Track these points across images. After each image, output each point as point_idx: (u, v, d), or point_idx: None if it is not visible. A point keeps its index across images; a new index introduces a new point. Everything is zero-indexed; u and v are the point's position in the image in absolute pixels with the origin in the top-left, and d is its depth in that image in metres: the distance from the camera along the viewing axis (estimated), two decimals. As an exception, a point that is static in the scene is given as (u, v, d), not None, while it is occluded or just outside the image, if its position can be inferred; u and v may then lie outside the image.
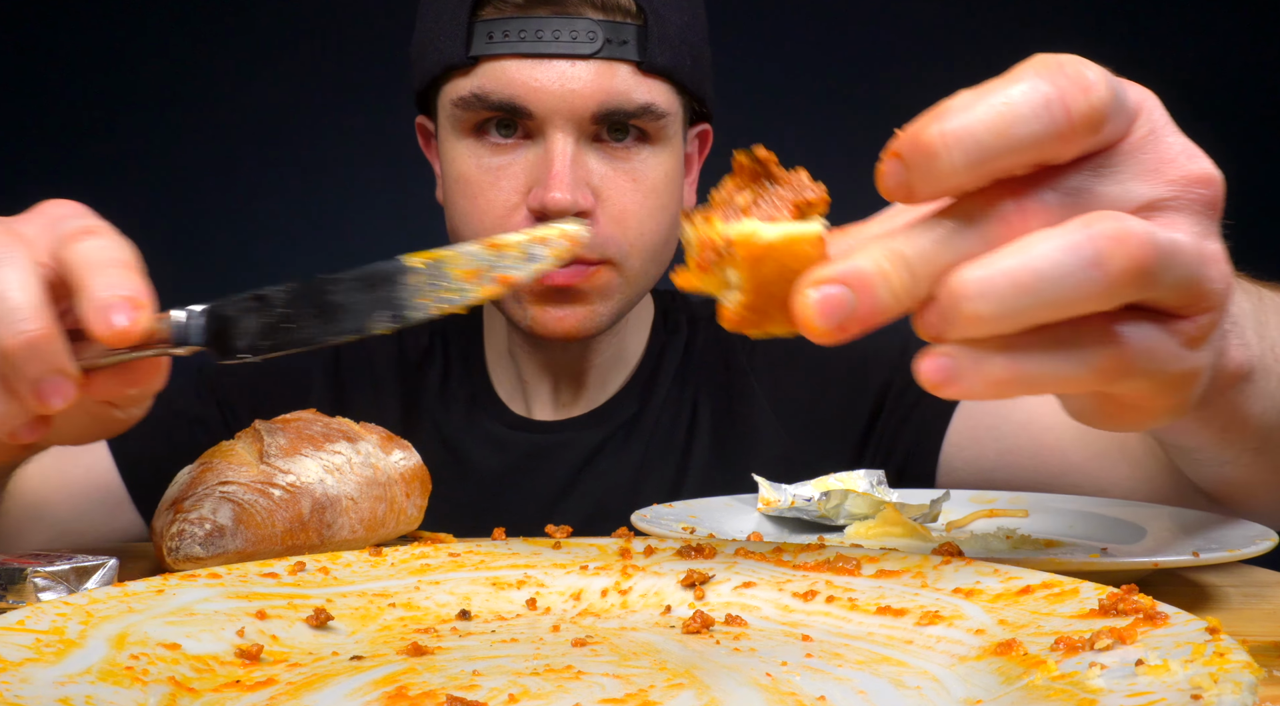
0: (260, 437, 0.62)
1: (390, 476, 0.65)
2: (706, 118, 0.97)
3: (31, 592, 0.50)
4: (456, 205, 0.89)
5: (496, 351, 1.02)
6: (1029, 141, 0.32)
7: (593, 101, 0.82)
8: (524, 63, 0.82)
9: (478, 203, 0.87)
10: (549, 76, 0.82)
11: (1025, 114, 0.32)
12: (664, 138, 0.88)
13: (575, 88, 0.82)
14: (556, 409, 0.99)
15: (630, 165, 0.86)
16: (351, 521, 0.62)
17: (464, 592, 0.49)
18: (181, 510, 0.57)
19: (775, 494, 0.74)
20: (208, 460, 0.61)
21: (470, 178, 0.87)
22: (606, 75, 0.83)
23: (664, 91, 0.86)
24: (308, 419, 0.66)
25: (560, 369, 0.98)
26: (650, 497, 0.77)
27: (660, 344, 1.01)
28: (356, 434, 0.66)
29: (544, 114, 0.83)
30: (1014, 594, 0.42)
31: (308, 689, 0.37)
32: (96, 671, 0.35)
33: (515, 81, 0.83)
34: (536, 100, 0.82)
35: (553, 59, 0.82)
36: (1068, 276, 0.32)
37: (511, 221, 0.85)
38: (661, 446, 0.97)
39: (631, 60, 0.84)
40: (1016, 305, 0.32)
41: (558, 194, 0.81)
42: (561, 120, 0.83)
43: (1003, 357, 0.33)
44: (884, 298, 0.33)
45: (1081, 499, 0.73)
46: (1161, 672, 0.31)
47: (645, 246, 0.88)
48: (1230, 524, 0.62)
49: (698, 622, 0.44)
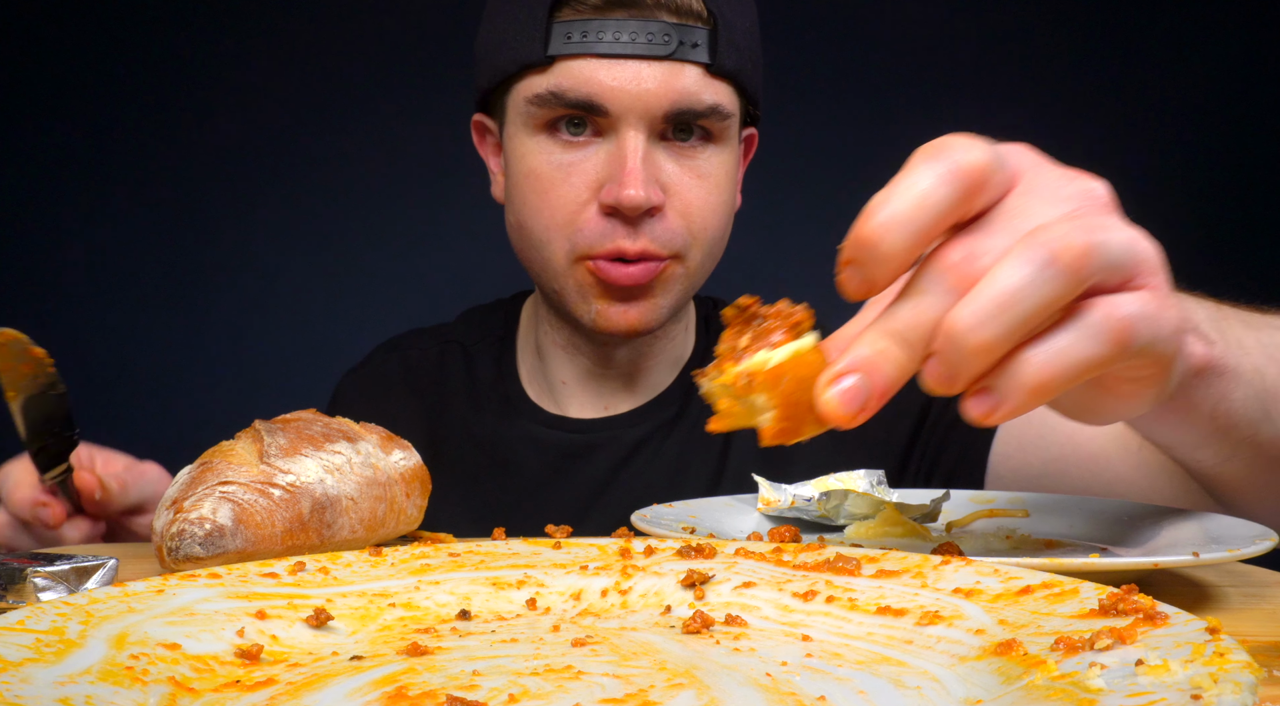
0: (260, 437, 0.62)
1: (390, 476, 0.65)
2: (754, 121, 0.99)
3: (31, 592, 0.50)
4: (526, 201, 0.90)
5: (528, 353, 1.04)
6: (944, 206, 0.39)
7: (665, 101, 0.85)
8: (601, 63, 0.85)
9: (548, 198, 0.88)
10: (625, 76, 0.85)
11: (932, 188, 0.39)
12: (726, 138, 0.91)
13: (649, 88, 0.85)
14: (598, 408, 1.00)
15: (696, 163, 0.89)
16: (351, 521, 0.62)
17: (464, 592, 0.49)
18: (181, 510, 0.57)
19: (775, 494, 0.74)
20: (208, 460, 0.61)
21: (541, 173, 0.89)
22: (678, 76, 0.86)
23: (728, 93, 0.89)
24: (307, 419, 0.66)
25: (610, 369, 0.99)
26: (691, 492, 0.78)
27: (704, 347, 1.04)
28: (356, 434, 0.66)
29: (619, 112, 0.85)
30: (1014, 594, 0.42)
31: (308, 689, 0.37)
32: (96, 671, 0.35)
33: (592, 80, 0.85)
34: (613, 98, 0.85)
35: (628, 59, 0.85)
36: (1034, 281, 0.37)
37: (582, 217, 0.88)
38: (700, 446, 0.99)
39: (701, 63, 0.86)
40: (1007, 320, 0.37)
41: (632, 191, 0.84)
42: (635, 118, 0.86)
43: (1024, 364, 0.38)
44: (890, 371, 0.38)
45: (1081, 499, 0.73)
46: (1161, 672, 0.31)
47: (707, 240, 0.91)
48: (1230, 524, 0.62)
49: (698, 622, 0.44)
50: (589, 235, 0.88)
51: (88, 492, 0.76)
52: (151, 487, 0.80)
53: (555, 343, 1.00)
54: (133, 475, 0.79)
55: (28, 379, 0.70)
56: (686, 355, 1.03)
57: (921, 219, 0.39)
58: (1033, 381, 0.38)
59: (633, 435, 0.99)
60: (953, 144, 0.40)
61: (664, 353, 1.00)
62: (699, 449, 0.98)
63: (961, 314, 0.37)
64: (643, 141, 0.86)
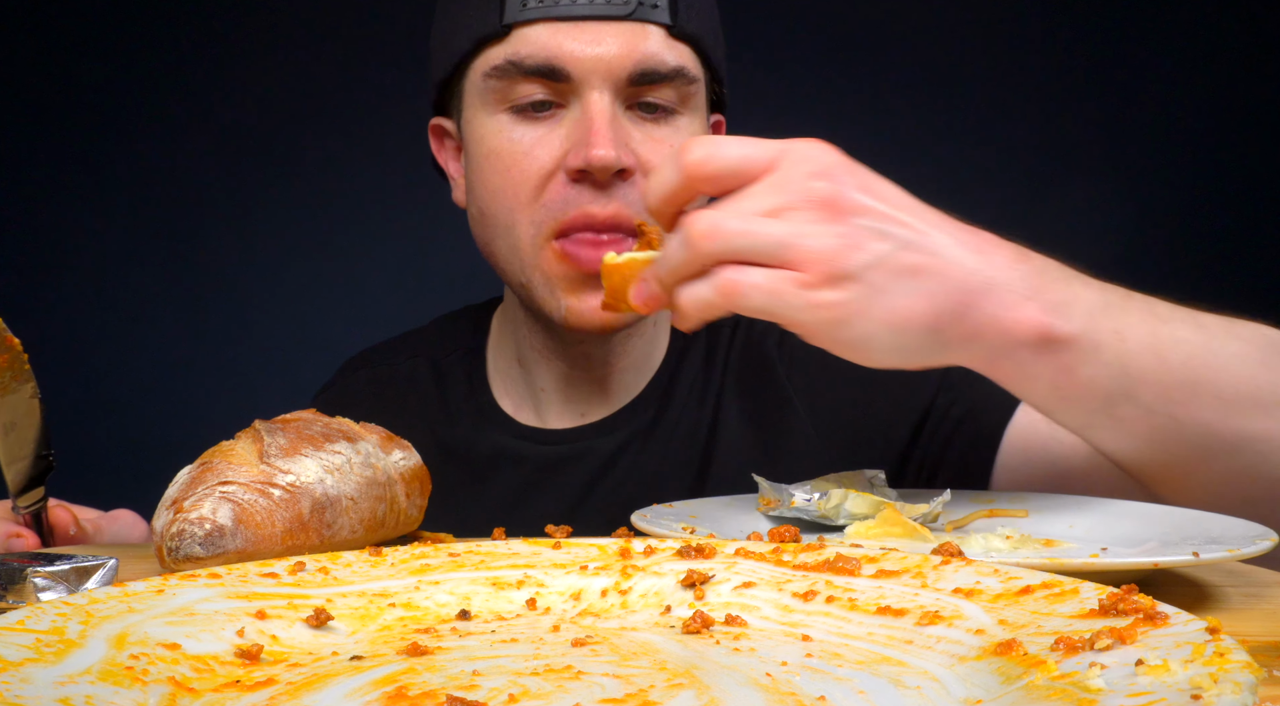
0: (260, 438, 0.62)
1: (390, 476, 0.65)
2: (721, 108, 0.97)
3: (31, 592, 0.50)
4: (487, 183, 0.87)
5: (504, 365, 1.01)
6: (673, 186, 0.61)
7: (629, 62, 0.82)
8: (558, 26, 0.82)
9: (511, 176, 0.85)
10: (584, 38, 0.82)
11: (666, 174, 0.61)
12: (693, 108, 0.88)
13: (612, 49, 0.82)
14: (574, 416, 0.97)
15: (664, 131, 0.86)
16: (351, 521, 0.62)
17: (464, 592, 0.49)
18: (181, 510, 0.57)
19: (775, 494, 0.74)
20: (208, 460, 0.61)
21: (502, 151, 0.85)
22: (640, 36, 0.83)
23: (692, 57, 0.87)
24: (307, 419, 0.66)
25: (585, 373, 0.96)
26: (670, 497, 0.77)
27: (680, 349, 1.00)
28: (356, 434, 0.66)
29: (581, 75, 0.82)
30: (1014, 594, 0.42)
31: (308, 689, 0.37)
32: (96, 671, 0.35)
33: (550, 44, 0.82)
34: (574, 62, 0.82)
35: (587, 21, 0.82)
36: (677, 249, 0.59)
37: (548, 189, 0.84)
38: (681, 450, 0.96)
39: (663, 24, 0.84)
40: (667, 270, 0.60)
41: (601, 150, 0.80)
42: (599, 80, 0.82)
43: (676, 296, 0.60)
44: (654, 287, 0.61)
45: (1081, 499, 0.73)
46: (1161, 672, 0.31)
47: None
48: (1230, 524, 0.62)
49: (698, 622, 0.44)
50: (555, 206, 0.84)
51: (62, 528, 0.73)
52: (125, 532, 0.78)
53: (534, 348, 0.96)
54: (106, 519, 0.77)
55: (4, 373, 0.65)
56: (660, 355, 0.99)
57: (657, 192, 0.61)
58: (680, 306, 0.59)
59: (608, 445, 0.95)
60: (693, 146, 0.60)
61: (637, 351, 0.97)
62: (679, 455, 0.95)
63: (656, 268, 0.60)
64: (608, 103, 0.82)
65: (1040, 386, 0.62)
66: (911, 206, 0.61)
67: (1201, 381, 0.64)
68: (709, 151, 0.60)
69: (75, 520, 0.74)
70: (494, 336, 1.03)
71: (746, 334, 0.99)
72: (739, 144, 0.61)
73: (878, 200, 0.59)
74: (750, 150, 0.60)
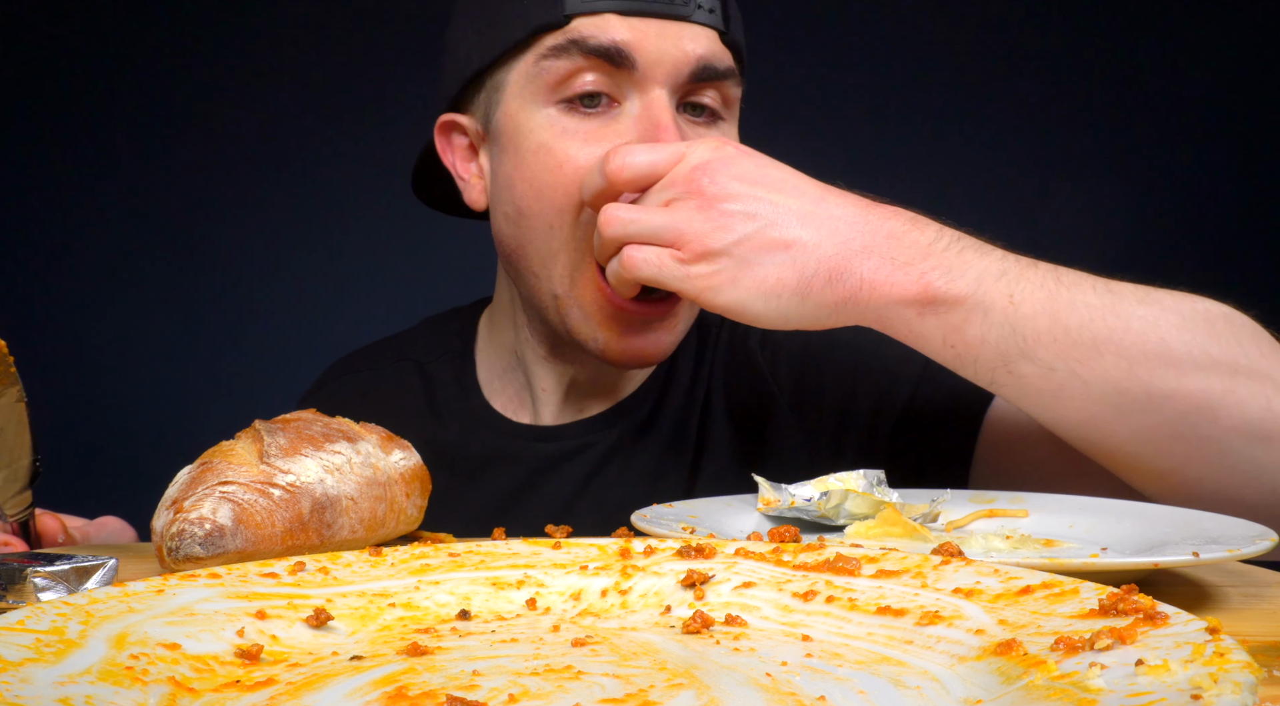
0: (260, 438, 0.62)
1: (390, 476, 0.65)
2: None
3: (31, 592, 0.50)
4: (534, 180, 0.83)
5: (498, 366, 1.00)
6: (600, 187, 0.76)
7: (692, 57, 0.81)
8: (623, 20, 0.81)
9: (563, 172, 0.81)
10: (649, 30, 0.81)
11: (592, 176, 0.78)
12: (734, 114, 0.89)
13: (677, 42, 0.81)
14: (572, 413, 0.97)
15: (711, 132, 0.86)
16: (351, 521, 0.62)
17: (464, 592, 0.49)
18: (181, 510, 0.57)
19: (775, 494, 0.74)
20: (208, 460, 0.61)
21: (554, 145, 0.82)
22: (699, 36, 0.83)
23: (735, 65, 0.87)
24: (307, 419, 0.66)
25: (595, 376, 0.95)
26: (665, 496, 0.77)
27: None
28: (356, 434, 0.66)
29: (645, 66, 0.80)
30: (1014, 594, 0.42)
31: (308, 689, 0.37)
32: (96, 671, 0.35)
33: (616, 30, 0.80)
34: (640, 48, 0.80)
35: (648, 17, 0.81)
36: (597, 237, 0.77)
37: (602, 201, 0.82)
38: (674, 444, 0.96)
39: (717, 28, 0.84)
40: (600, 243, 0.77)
41: None
42: (663, 74, 0.81)
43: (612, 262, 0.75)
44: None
45: (1081, 499, 0.73)
46: (1161, 672, 0.31)
47: None
48: (1230, 524, 0.62)
49: (698, 622, 0.44)
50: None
51: (50, 536, 0.71)
52: (113, 539, 0.77)
53: (539, 355, 0.95)
54: (93, 527, 0.76)
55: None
56: None
57: (589, 188, 0.77)
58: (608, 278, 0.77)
59: (606, 440, 0.95)
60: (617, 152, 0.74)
61: None
62: (673, 450, 0.95)
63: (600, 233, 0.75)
64: (671, 101, 0.81)
65: (934, 343, 0.70)
66: (791, 187, 0.71)
67: (1102, 340, 0.68)
68: (623, 160, 0.74)
69: (64, 528, 0.72)
70: (483, 338, 1.02)
71: (730, 332, 0.99)
72: (648, 151, 0.74)
73: (751, 186, 0.70)
74: (655, 156, 0.73)
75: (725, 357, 0.99)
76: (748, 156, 0.73)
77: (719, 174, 0.71)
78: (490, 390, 1.00)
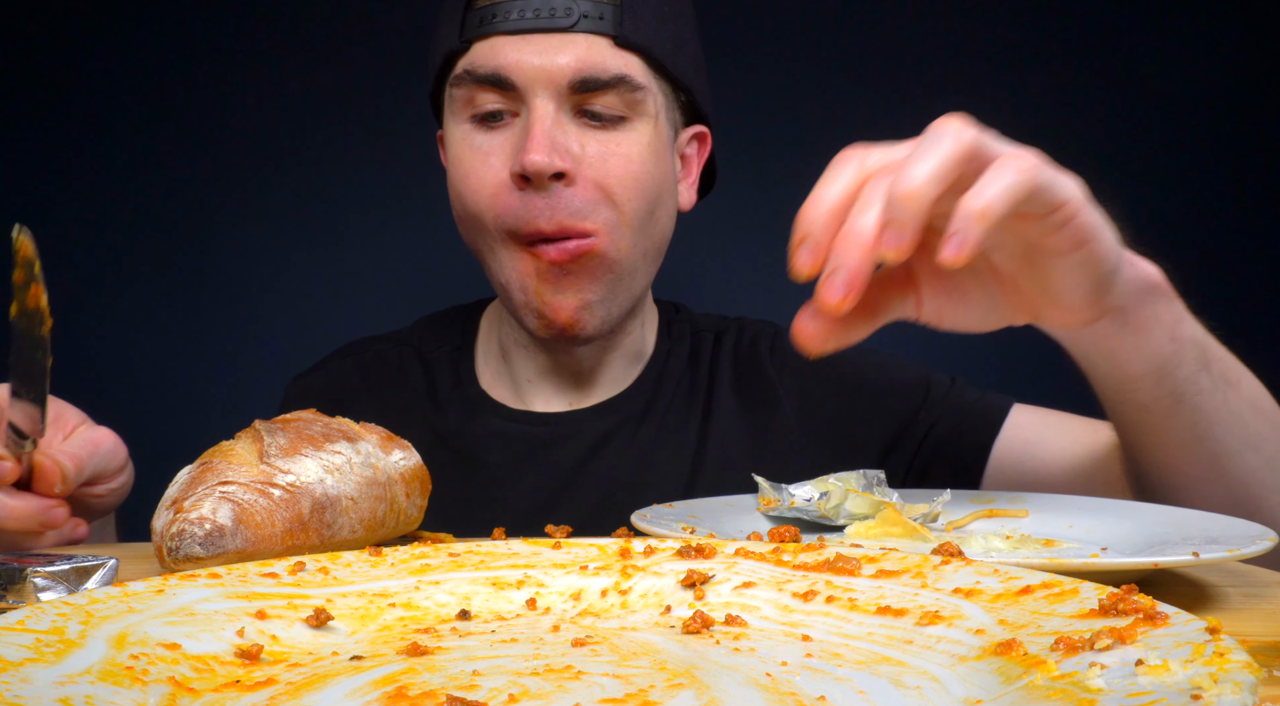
0: (260, 437, 0.62)
1: (390, 476, 0.65)
2: (703, 119, 1.00)
3: (31, 592, 0.50)
4: (455, 187, 0.93)
5: (492, 359, 1.04)
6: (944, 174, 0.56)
7: (569, 70, 0.88)
8: (509, 39, 0.88)
9: (470, 181, 0.91)
10: (529, 49, 0.88)
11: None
12: (642, 114, 0.91)
13: (554, 59, 0.88)
14: (562, 405, 1.01)
15: (608, 135, 0.90)
16: (351, 521, 0.62)
17: (464, 592, 0.49)
18: (181, 510, 0.57)
19: (775, 494, 0.74)
20: (208, 460, 0.61)
21: (463, 157, 0.91)
22: (584, 47, 0.88)
23: (640, 67, 0.91)
24: (307, 419, 0.66)
25: (569, 364, 1.00)
26: (656, 491, 0.79)
27: (666, 349, 1.04)
28: (356, 434, 0.66)
29: (524, 84, 0.88)
30: (1014, 594, 0.42)
31: (308, 689, 0.37)
32: (96, 671, 0.35)
33: (498, 55, 0.88)
34: (518, 70, 0.88)
35: (534, 34, 0.88)
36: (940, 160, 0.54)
37: (502, 196, 0.89)
38: (673, 436, 1.00)
39: (608, 34, 0.89)
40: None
41: (535, 156, 0.85)
42: (541, 88, 0.88)
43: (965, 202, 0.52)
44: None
45: (1081, 499, 0.73)
46: (1161, 672, 0.31)
47: (631, 217, 0.91)
48: (1230, 524, 0.62)
49: (698, 622, 0.44)
50: (509, 218, 0.89)
51: (49, 482, 0.70)
52: (105, 460, 0.76)
53: (517, 342, 1.01)
54: (86, 450, 0.74)
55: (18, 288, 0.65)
56: (647, 353, 1.04)
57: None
58: (977, 209, 0.51)
59: (598, 428, 0.99)
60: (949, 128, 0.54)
61: (621, 347, 1.01)
62: (669, 445, 0.99)
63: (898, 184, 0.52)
64: (551, 110, 0.88)
65: (1161, 332, 0.67)
66: None
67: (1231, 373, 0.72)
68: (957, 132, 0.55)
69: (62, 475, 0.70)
70: (483, 333, 1.07)
71: (737, 337, 1.05)
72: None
73: None
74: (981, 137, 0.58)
75: (734, 361, 1.04)
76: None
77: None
78: (487, 381, 1.04)
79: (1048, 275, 0.61)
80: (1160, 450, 0.74)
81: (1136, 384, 0.70)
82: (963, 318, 0.64)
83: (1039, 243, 0.59)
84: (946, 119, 0.54)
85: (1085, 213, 0.57)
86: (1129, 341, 0.67)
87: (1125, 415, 0.75)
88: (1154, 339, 0.67)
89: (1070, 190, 0.56)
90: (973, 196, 0.52)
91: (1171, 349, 0.68)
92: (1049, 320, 0.65)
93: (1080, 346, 0.69)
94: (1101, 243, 0.59)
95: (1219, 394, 0.71)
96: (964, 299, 0.64)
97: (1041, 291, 0.62)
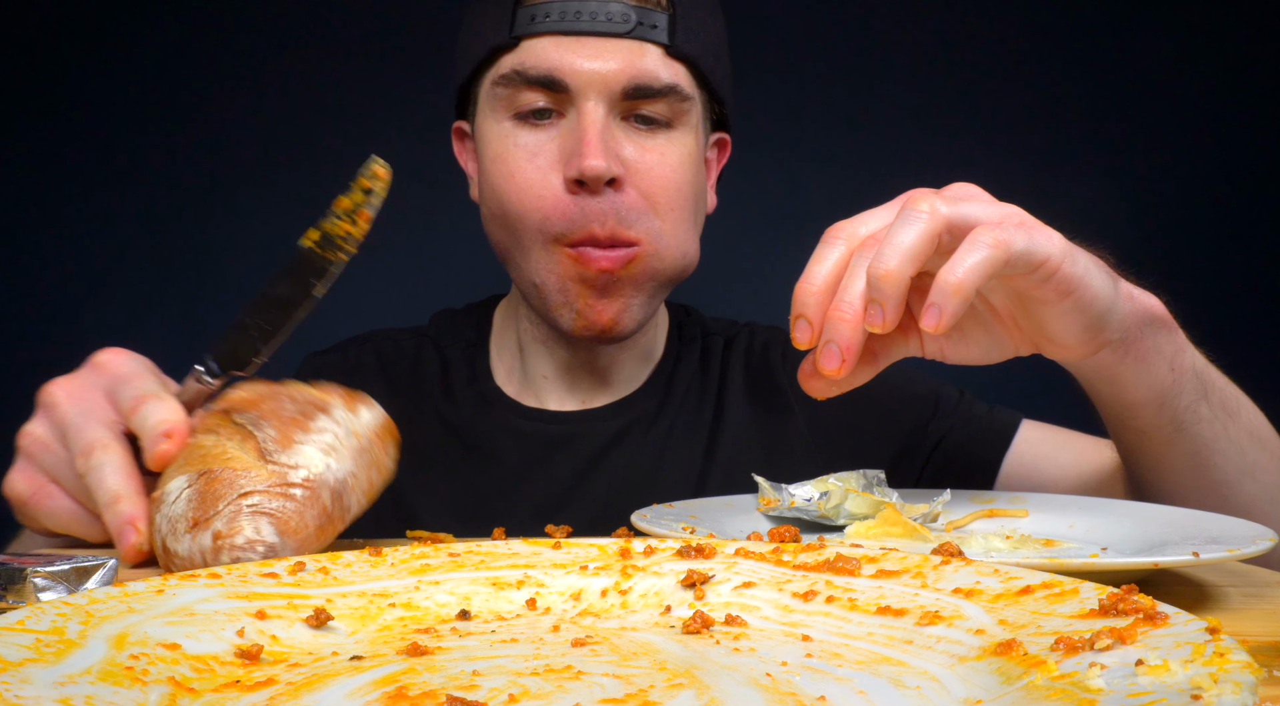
0: (248, 433, 0.60)
1: (369, 438, 0.63)
2: (725, 126, 1.01)
3: (31, 592, 0.50)
4: (495, 186, 0.92)
5: (507, 356, 1.04)
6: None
7: (624, 76, 0.87)
8: (562, 40, 0.88)
9: (515, 181, 0.90)
10: (585, 52, 0.87)
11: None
12: (685, 124, 0.92)
13: (609, 64, 0.87)
14: (576, 403, 1.02)
15: (655, 142, 0.90)
16: (357, 496, 0.62)
17: (464, 592, 0.49)
18: (220, 535, 0.56)
19: (775, 494, 0.74)
20: (206, 468, 0.59)
21: (507, 156, 0.90)
22: (637, 54, 0.88)
23: (687, 77, 0.91)
24: (265, 393, 0.63)
25: (587, 362, 1.00)
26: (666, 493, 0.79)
27: (676, 351, 1.05)
28: (323, 402, 0.63)
29: (578, 87, 0.87)
30: (1014, 594, 0.42)
31: (308, 689, 0.37)
32: (96, 671, 0.35)
33: (552, 56, 0.88)
34: (572, 73, 0.87)
35: (587, 37, 0.87)
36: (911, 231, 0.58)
37: (550, 197, 0.88)
38: (683, 438, 1.00)
39: (660, 43, 0.89)
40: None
41: (593, 161, 0.85)
42: (594, 93, 0.87)
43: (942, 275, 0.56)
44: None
45: (1081, 499, 0.73)
46: (1161, 672, 0.31)
47: (673, 230, 0.91)
48: (1230, 524, 0.62)
49: (698, 622, 0.44)
50: (559, 222, 0.88)
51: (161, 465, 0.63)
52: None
53: (535, 338, 1.01)
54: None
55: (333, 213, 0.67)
56: (658, 354, 1.04)
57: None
58: (952, 283, 0.55)
59: (611, 428, 1.00)
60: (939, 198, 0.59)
61: (635, 346, 1.02)
62: (679, 447, 1.00)
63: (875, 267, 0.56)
64: (602, 114, 0.87)
65: (1161, 363, 0.69)
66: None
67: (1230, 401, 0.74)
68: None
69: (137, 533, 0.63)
70: (497, 330, 1.07)
71: (748, 343, 1.06)
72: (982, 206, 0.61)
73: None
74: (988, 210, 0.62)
75: (746, 366, 1.05)
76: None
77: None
78: (501, 378, 1.04)
79: (1041, 319, 0.63)
80: (1161, 475, 0.76)
81: (1137, 411, 0.72)
82: (965, 354, 0.67)
83: (1027, 293, 0.62)
84: (916, 196, 0.58)
85: (1067, 265, 0.59)
86: (1130, 370, 0.68)
87: (1127, 440, 0.77)
88: (1154, 369, 0.68)
89: (1047, 247, 0.59)
90: (948, 270, 0.56)
91: (1171, 378, 0.69)
92: (1049, 353, 0.67)
93: (1083, 373, 0.71)
94: (1088, 289, 0.61)
95: (1219, 423, 0.72)
96: (965, 338, 0.67)
97: (1038, 330, 0.65)
